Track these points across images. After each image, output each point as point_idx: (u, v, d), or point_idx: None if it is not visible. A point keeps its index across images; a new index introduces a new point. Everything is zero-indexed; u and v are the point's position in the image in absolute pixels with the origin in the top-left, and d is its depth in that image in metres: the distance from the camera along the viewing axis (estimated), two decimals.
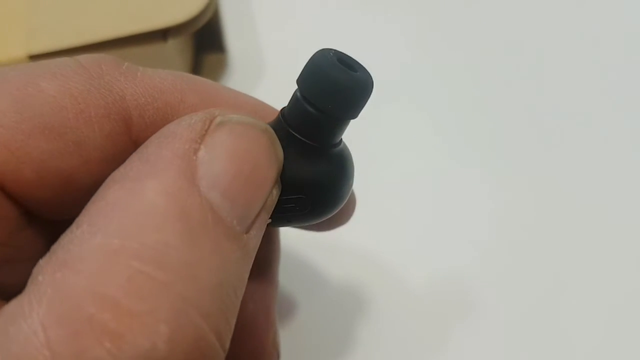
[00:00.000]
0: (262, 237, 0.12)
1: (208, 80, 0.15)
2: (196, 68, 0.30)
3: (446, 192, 0.27)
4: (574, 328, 0.24)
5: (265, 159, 0.12)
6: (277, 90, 0.30)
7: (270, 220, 0.13)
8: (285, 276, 0.23)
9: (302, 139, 0.13)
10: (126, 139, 0.13)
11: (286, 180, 0.13)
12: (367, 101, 0.13)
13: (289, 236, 0.23)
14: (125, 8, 0.25)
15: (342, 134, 0.14)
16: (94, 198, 0.11)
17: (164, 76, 0.14)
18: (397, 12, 0.33)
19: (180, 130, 0.11)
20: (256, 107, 0.15)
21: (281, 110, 0.14)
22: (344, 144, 0.14)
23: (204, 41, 0.30)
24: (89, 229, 0.10)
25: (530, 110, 0.30)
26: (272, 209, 0.13)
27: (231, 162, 0.11)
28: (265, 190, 0.12)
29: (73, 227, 0.10)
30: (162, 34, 0.25)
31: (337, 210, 0.14)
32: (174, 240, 0.10)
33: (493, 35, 0.32)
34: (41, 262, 0.10)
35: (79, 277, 0.09)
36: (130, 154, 0.12)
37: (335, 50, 0.13)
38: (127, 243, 0.10)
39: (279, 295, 0.19)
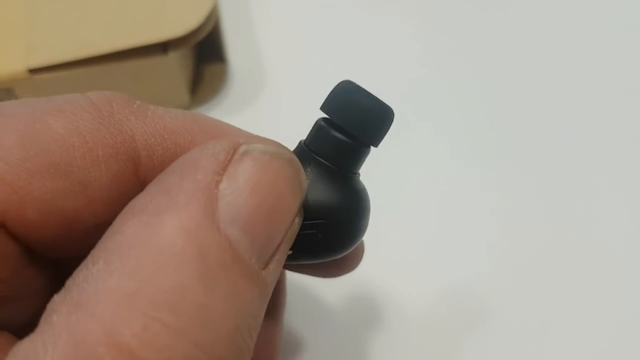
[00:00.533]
0: (280, 270, 0.12)
1: (219, 121, 0.15)
2: (197, 79, 0.30)
3: (456, 209, 0.27)
4: (585, 337, 0.24)
5: (289, 190, 0.12)
6: (277, 101, 0.30)
7: (290, 252, 0.12)
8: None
9: (327, 163, 0.13)
10: (133, 179, 0.13)
11: (308, 203, 0.13)
12: (389, 129, 0.14)
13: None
14: (126, 21, 0.25)
15: (362, 164, 0.14)
16: (111, 229, 0.11)
17: (175, 116, 0.14)
18: (402, 24, 0.33)
19: (204, 160, 0.11)
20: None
21: (301, 141, 0.14)
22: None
23: (205, 52, 0.30)
24: (105, 267, 0.10)
25: (547, 124, 0.30)
26: (293, 240, 0.12)
27: (253, 195, 0.11)
28: (287, 222, 0.11)
29: (89, 262, 0.10)
30: (162, 47, 0.25)
31: (356, 243, 0.14)
32: (191, 283, 0.10)
33: (505, 46, 0.32)
34: (56, 298, 0.10)
35: (94, 322, 0.09)
36: (137, 194, 0.11)
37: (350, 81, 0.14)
38: (143, 286, 0.09)
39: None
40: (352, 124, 0.13)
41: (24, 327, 0.13)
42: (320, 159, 0.13)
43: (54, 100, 0.12)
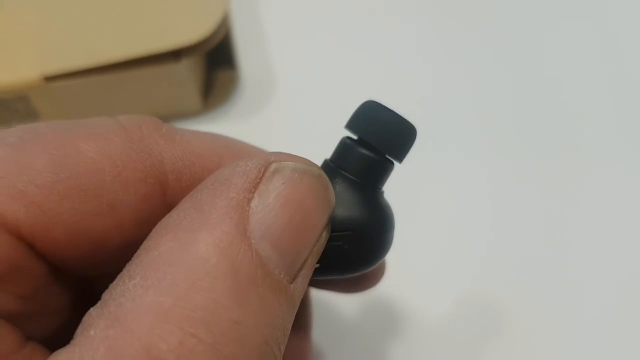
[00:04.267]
0: (307, 283, 0.12)
1: (245, 143, 0.15)
2: (208, 86, 0.30)
3: (471, 220, 0.27)
4: (609, 348, 0.24)
5: (318, 206, 0.12)
6: (288, 107, 0.30)
7: (317, 265, 0.12)
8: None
9: (353, 178, 0.13)
10: (160, 202, 0.13)
11: (335, 215, 0.13)
12: (412, 146, 0.14)
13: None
14: (139, 29, 0.26)
15: (387, 180, 0.14)
16: (146, 244, 0.11)
17: (203, 139, 0.14)
18: (417, 32, 0.33)
19: (235, 178, 0.11)
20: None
21: (325, 159, 0.14)
22: None
23: (216, 59, 0.30)
24: (141, 282, 0.10)
25: (570, 138, 0.30)
26: (320, 254, 0.12)
27: (283, 212, 0.11)
28: (314, 237, 0.12)
29: (125, 277, 0.10)
30: (175, 54, 0.26)
31: (382, 257, 0.14)
32: (224, 299, 0.10)
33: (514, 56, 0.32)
34: (92, 312, 0.10)
35: (132, 337, 0.09)
36: (163, 214, 0.12)
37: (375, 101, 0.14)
38: (179, 302, 0.09)
39: None
40: (378, 140, 0.13)
41: (50, 340, 0.13)
42: (347, 174, 0.13)
43: (85, 124, 0.13)
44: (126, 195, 0.12)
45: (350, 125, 0.14)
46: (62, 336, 0.14)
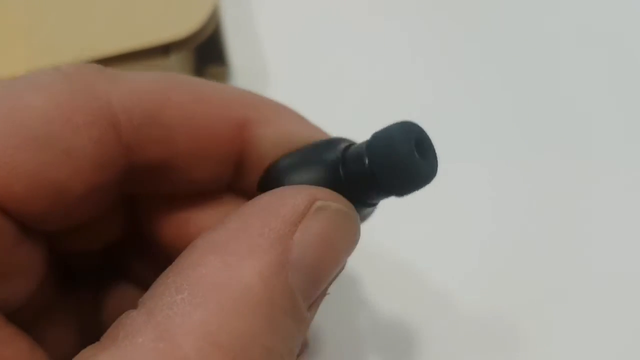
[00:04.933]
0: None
1: (192, 78, 0.15)
2: None
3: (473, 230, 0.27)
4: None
5: (347, 248, 0.13)
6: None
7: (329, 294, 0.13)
8: None
9: (352, 189, 0.13)
10: (116, 144, 0.13)
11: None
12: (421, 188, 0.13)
13: None
14: (127, 24, 0.25)
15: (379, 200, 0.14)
16: (191, 259, 0.11)
17: (148, 77, 0.14)
18: (408, 25, 0.33)
19: (283, 209, 0.12)
20: (242, 99, 0.15)
21: (344, 149, 0.14)
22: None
23: (206, 54, 0.30)
24: (189, 299, 0.11)
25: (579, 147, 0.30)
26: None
27: (319, 250, 0.12)
28: (336, 273, 0.13)
29: (172, 289, 0.11)
30: (164, 49, 0.25)
31: None
32: (261, 327, 0.11)
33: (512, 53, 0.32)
34: (137, 317, 0.11)
35: (181, 354, 0.10)
36: (121, 158, 0.12)
37: (416, 127, 0.13)
38: (224, 326, 0.10)
39: None
40: (390, 182, 0.13)
41: (21, 308, 0.14)
42: (348, 184, 0.13)
43: (28, 78, 0.13)
44: (79, 141, 0.12)
45: (370, 151, 0.13)
46: (35, 303, 0.14)
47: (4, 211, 0.12)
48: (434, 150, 0.13)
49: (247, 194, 0.16)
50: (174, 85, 0.14)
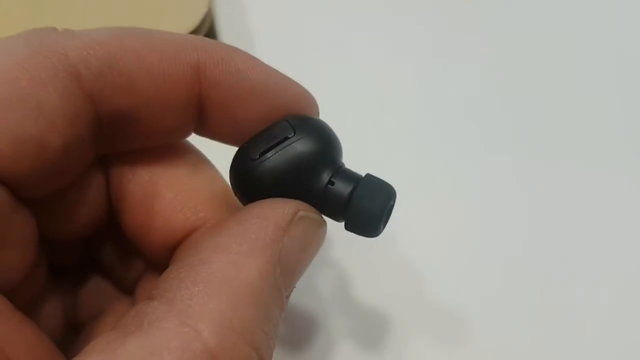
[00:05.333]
0: None
1: (142, 28, 0.15)
2: None
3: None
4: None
5: (317, 251, 0.16)
6: None
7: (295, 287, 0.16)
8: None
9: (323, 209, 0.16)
10: (81, 94, 0.14)
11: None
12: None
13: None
14: (123, 25, 0.25)
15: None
16: (201, 256, 0.13)
17: (100, 31, 0.15)
18: (400, 15, 0.33)
19: (274, 218, 0.14)
20: (193, 42, 0.15)
21: (327, 183, 0.16)
22: None
23: None
24: (205, 290, 0.13)
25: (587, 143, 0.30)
26: None
27: (299, 251, 0.15)
28: (305, 270, 0.15)
29: (188, 283, 0.13)
30: None
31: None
32: (260, 316, 0.13)
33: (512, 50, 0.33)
34: (157, 306, 0.13)
35: (200, 337, 0.12)
36: (88, 109, 0.14)
37: (394, 195, 0.16)
38: (236, 314, 0.12)
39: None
40: (350, 226, 0.16)
41: (18, 291, 0.14)
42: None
43: None
44: (46, 94, 0.13)
45: (350, 211, 0.15)
46: (29, 287, 0.15)
47: None
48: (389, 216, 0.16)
49: (212, 137, 0.17)
50: (125, 35, 0.15)
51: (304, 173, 0.15)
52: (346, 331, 0.24)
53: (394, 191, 0.16)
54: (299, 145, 0.15)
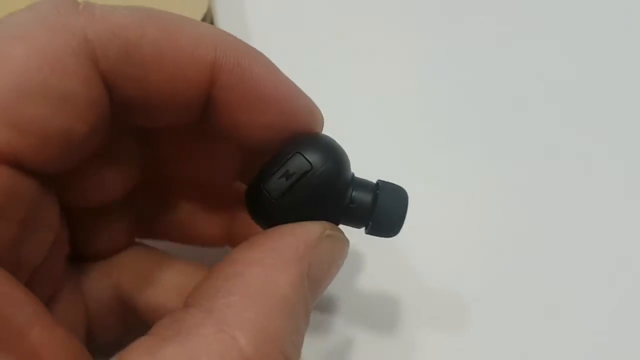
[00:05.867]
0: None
1: (168, 12, 0.15)
2: None
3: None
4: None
5: (340, 267, 0.17)
6: None
7: None
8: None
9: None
10: (98, 80, 0.13)
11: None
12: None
13: None
14: None
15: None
16: (235, 269, 0.14)
17: (123, 12, 0.14)
18: (403, 17, 0.33)
19: (305, 236, 0.15)
20: (215, 38, 0.15)
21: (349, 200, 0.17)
22: None
23: None
24: (241, 301, 0.13)
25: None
26: None
27: (326, 268, 0.16)
28: (330, 283, 0.16)
29: (225, 292, 0.13)
30: None
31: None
32: (291, 327, 0.14)
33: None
34: (195, 313, 0.13)
35: (237, 344, 0.12)
36: (105, 93, 0.13)
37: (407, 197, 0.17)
38: (270, 325, 0.13)
39: None
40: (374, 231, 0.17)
41: (38, 268, 0.15)
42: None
43: (7, 27, 0.13)
44: (70, 83, 0.13)
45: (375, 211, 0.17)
46: (51, 257, 0.16)
47: (25, 170, 0.13)
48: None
49: (214, 129, 0.17)
50: (150, 22, 0.14)
51: (326, 199, 0.16)
52: (347, 319, 0.24)
53: (407, 193, 0.17)
54: (318, 179, 0.15)
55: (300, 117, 0.16)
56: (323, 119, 0.17)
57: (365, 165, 0.19)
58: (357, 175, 0.17)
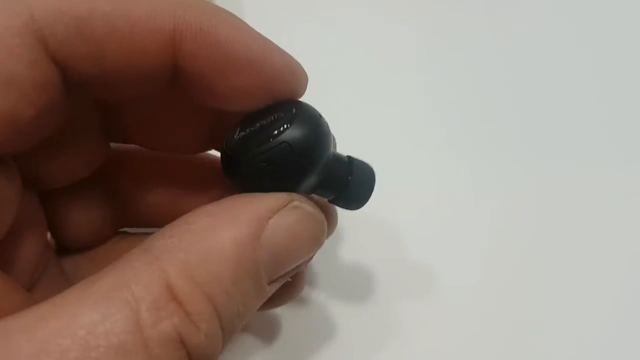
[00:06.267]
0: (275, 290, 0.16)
1: None
2: None
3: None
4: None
5: (310, 245, 0.15)
6: None
7: (290, 279, 0.16)
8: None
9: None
10: (48, 60, 0.13)
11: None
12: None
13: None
14: None
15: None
16: (187, 218, 0.14)
17: None
18: (406, 22, 0.33)
19: (267, 199, 0.15)
20: (171, 5, 0.14)
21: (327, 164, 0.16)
22: None
23: None
24: (177, 243, 0.13)
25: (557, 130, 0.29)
26: (293, 274, 0.16)
27: (287, 238, 0.15)
28: (296, 263, 0.15)
29: (165, 234, 0.14)
30: None
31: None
32: (225, 277, 0.13)
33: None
34: (134, 251, 0.13)
35: (162, 274, 0.13)
36: (55, 74, 0.13)
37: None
38: (200, 266, 0.13)
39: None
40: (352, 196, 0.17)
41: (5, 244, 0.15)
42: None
43: None
44: (15, 65, 0.12)
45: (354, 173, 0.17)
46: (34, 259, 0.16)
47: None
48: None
49: (189, 96, 0.16)
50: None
51: (303, 169, 0.15)
52: (330, 294, 0.24)
53: (374, 170, 0.18)
54: (296, 150, 0.15)
55: (280, 77, 0.15)
56: (307, 78, 0.17)
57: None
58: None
